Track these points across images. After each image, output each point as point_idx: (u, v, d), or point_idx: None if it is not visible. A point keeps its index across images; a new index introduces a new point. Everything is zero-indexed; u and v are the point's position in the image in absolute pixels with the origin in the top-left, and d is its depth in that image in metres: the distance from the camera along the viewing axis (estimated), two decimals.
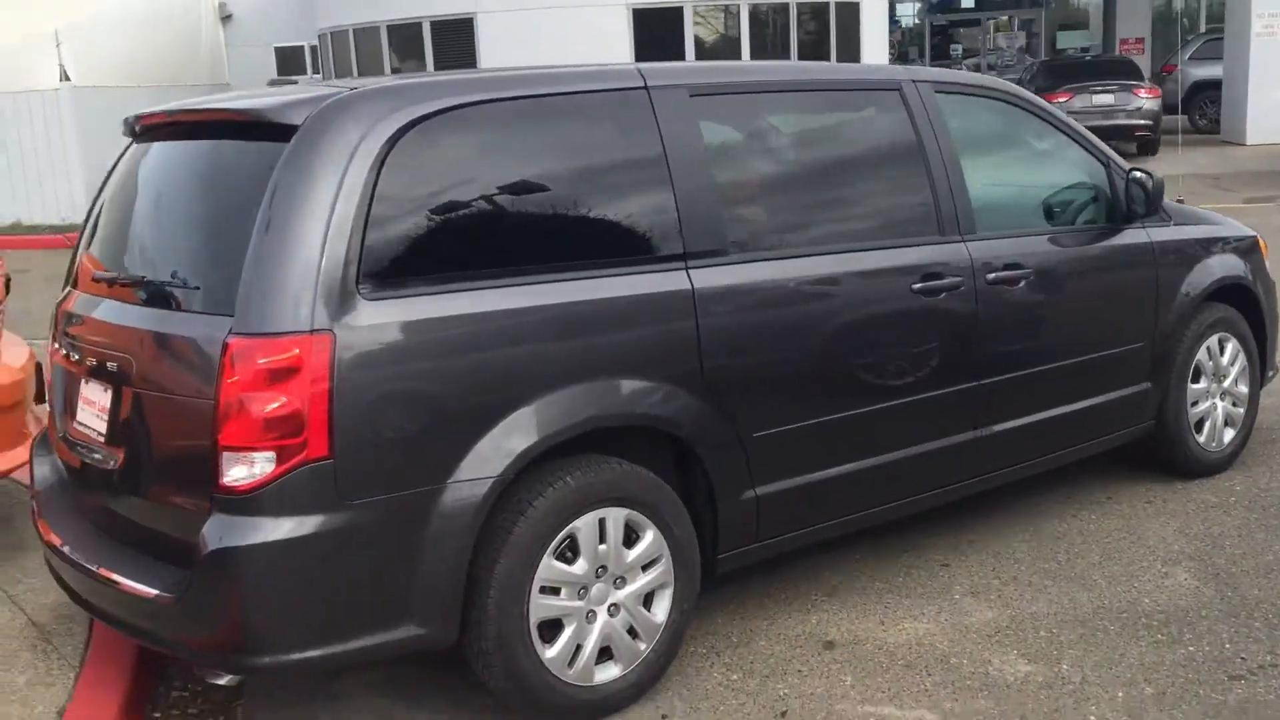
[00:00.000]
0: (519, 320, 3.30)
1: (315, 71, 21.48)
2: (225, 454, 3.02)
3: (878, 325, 4.04)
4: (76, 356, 3.60)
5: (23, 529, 4.92)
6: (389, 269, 3.15)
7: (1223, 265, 5.22)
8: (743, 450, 3.73)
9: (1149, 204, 4.80)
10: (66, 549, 3.57)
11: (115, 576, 3.30)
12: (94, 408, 3.52)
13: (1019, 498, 5.05)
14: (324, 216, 3.06)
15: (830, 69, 4.22)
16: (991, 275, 4.30)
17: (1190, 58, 23.20)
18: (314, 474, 3.02)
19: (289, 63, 22.63)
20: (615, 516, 3.49)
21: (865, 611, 4.15)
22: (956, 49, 29.79)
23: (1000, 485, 4.69)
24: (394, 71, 17.56)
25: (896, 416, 4.10)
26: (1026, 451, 4.61)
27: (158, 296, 3.32)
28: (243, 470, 3.01)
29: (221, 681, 3.16)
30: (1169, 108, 20.88)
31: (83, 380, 3.62)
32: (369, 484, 3.10)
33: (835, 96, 4.16)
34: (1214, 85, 21.84)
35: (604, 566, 3.49)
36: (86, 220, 4.02)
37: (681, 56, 16.12)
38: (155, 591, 3.14)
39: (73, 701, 3.52)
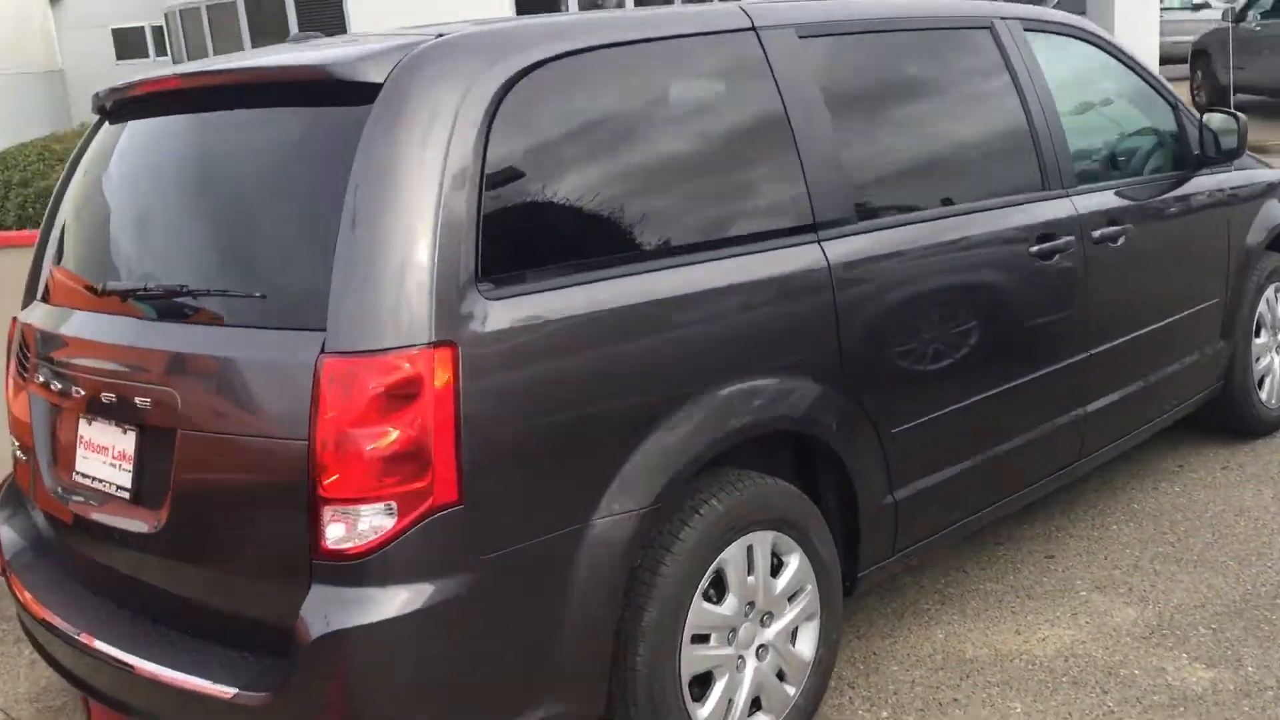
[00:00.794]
0: (660, 313, 2.69)
1: (161, 55, 20.02)
2: (328, 509, 2.34)
3: (1001, 295, 3.55)
4: (71, 389, 2.85)
5: None
6: (510, 259, 2.51)
7: (1278, 211, 4.88)
8: (881, 450, 3.19)
9: (1232, 148, 4.41)
10: (68, 629, 2.84)
11: (161, 670, 2.58)
12: (106, 454, 2.79)
13: (1087, 474, 4.64)
14: (431, 198, 2.40)
15: (921, 5, 3.67)
16: (1096, 233, 3.85)
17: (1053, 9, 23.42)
18: (442, 526, 2.37)
19: (128, 45, 21.08)
20: (762, 542, 2.92)
21: (992, 620, 3.67)
22: None
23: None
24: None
25: (1017, 398, 3.62)
26: (1125, 425, 4.20)
27: (201, 310, 2.60)
28: (352, 528, 2.34)
29: None
30: None
31: (81, 418, 2.87)
32: (504, 532, 2.47)
33: (933, 36, 3.62)
34: None
35: (751, 603, 2.92)
36: (49, 220, 3.25)
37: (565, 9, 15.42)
38: (233, 690, 2.44)
39: None
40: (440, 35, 2.61)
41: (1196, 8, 22.26)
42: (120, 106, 3.09)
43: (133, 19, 20.79)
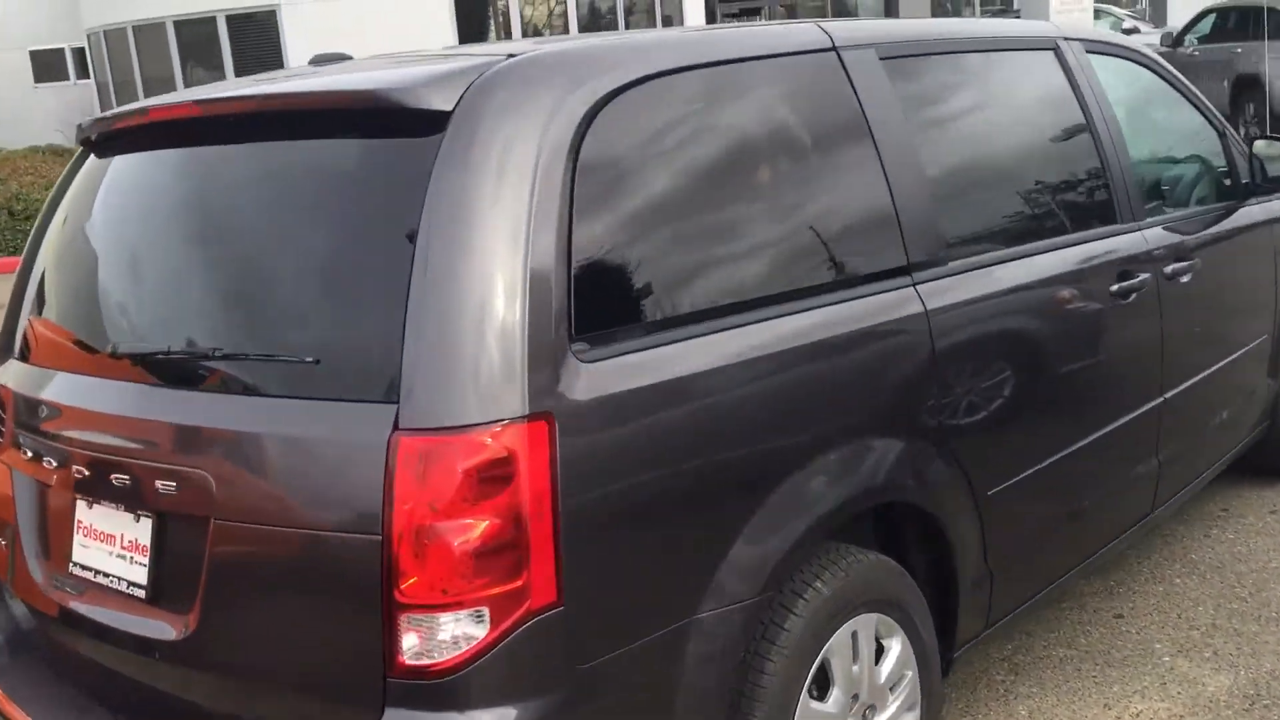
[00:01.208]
0: (770, 371, 2.36)
1: (83, 77, 19.27)
2: (406, 618, 1.96)
3: (1089, 337, 3.27)
4: (64, 465, 2.43)
5: None
6: (604, 313, 2.15)
7: None
8: (977, 514, 2.88)
9: None
10: None
11: None
12: (113, 544, 2.37)
13: None
14: (519, 244, 2.04)
15: (987, 25, 3.40)
16: (1169, 269, 3.58)
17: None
18: (540, 632, 2.00)
19: (47, 68, 20.26)
20: (866, 626, 2.59)
21: (1075, 692, 3.36)
22: None
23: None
24: (184, 76, 15.80)
25: (1103, 449, 3.33)
26: (1191, 472, 3.93)
27: (237, 378, 2.20)
28: (435, 639, 1.96)
29: None
30: None
31: (79, 500, 2.46)
32: (606, 636, 2.10)
33: (1002, 58, 3.34)
34: None
35: (855, 695, 2.58)
36: (25, 269, 2.83)
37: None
38: None
39: None
40: (511, 55, 2.25)
41: (1127, 33, 22.58)
42: (112, 137, 2.68)
43: (52, 40, 19.98)
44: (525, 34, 15.83)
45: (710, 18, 18.93)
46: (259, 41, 14.83)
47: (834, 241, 2.61)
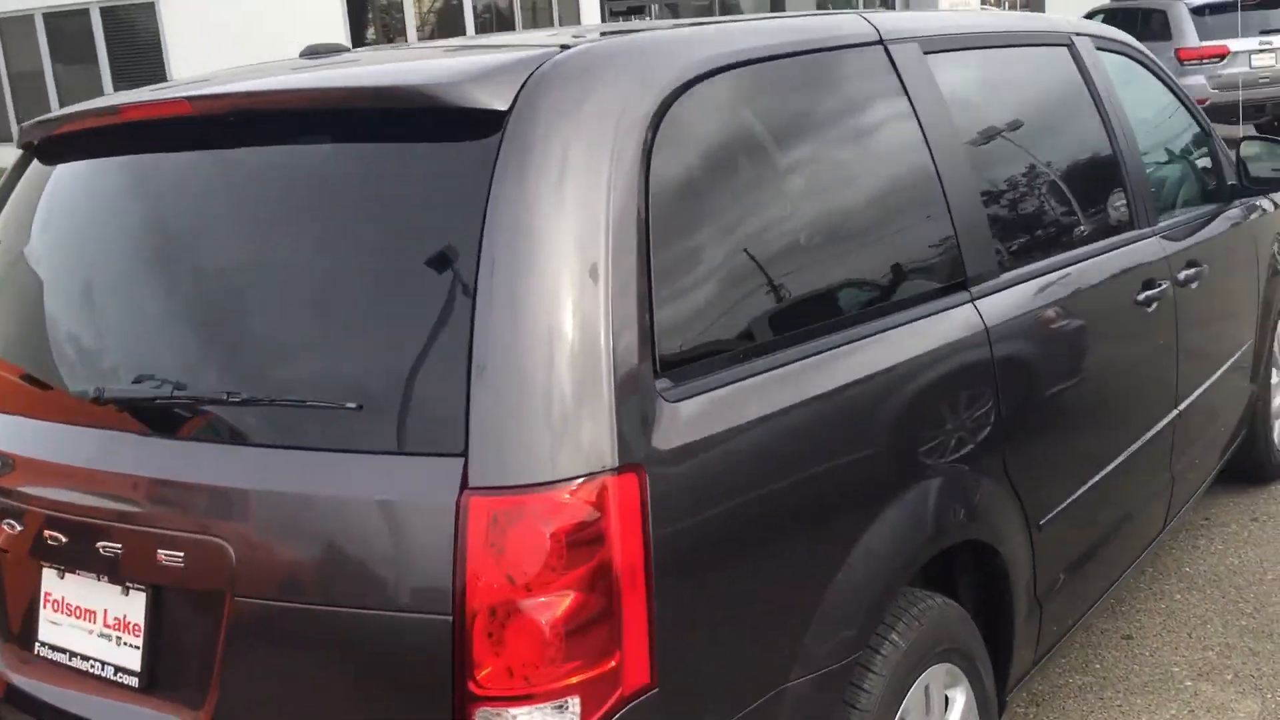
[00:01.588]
0: (849, 405, 2.11)
1: None
2: (481, 711, 1.66)
3: (1122, 349, 3.12)
4: (33, 528, 2.07)
5: None
6: (687, 346, 1.88)
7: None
8: (1030, 545, 2.68)
9: (1270, 178, 4.07)
10: None
11: None
12: (93, 622, 2.02)
13: None
14: (599, 268, 1.75)
15: (1005, 18, 3.20)
16: (1182, 275, 3.44)
17: None
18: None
19: None
20: (936, 679, 2.36)
21: None
22: None
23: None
24: (54, 72, 14.94)
25: (1133, 467, 3.17)
26: (1193, 486, 3.81)
27: (257, 427, 1.85)
28: None
29: None
30: None
31: (46, 569, 2.09)
32: (700, 716, 1.83)
33: (1026, 55, 3.15)
34: None
35: None
36: None
37: (405, 39, 14.60)
38: None
39: None
40: (564, 46, 1.96)
41: None
42: (66, 141, 2.31)
43: None
44: (420, 34, 15.34)
45: (603, 18, 18.68)
46: (136, 35, 14.08)
47: (902, 256, 2.38)
